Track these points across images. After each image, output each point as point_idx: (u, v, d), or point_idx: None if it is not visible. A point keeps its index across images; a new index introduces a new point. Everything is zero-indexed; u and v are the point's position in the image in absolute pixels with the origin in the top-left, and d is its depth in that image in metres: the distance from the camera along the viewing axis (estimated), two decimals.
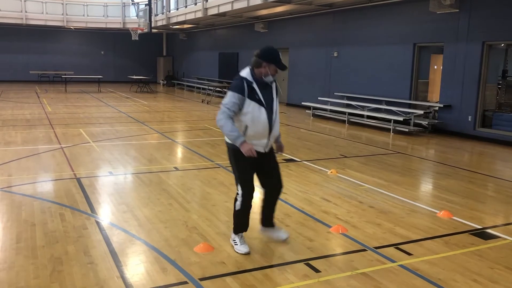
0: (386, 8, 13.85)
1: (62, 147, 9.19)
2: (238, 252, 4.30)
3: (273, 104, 4.19)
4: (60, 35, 30.67)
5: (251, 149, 3.96)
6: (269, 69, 4.10)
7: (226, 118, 4.05)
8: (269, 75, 4.13)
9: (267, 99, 4.15)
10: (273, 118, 4.18)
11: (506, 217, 5.69)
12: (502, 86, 12.15)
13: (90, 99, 19.96)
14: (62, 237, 4.58)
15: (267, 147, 4.27)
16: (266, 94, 4.15)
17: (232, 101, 4.05)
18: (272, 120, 4.17)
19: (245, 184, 4.23)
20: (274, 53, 4.11)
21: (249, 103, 4.06)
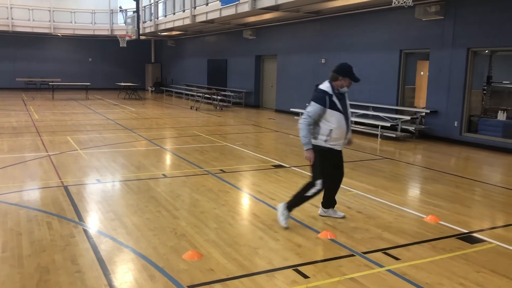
0: (373, 15, 14.01)
1: (49, 154, 9.12)
2: (281, 224, 5.11)
3: (347, 111, 5.13)
4: (47, 42, 30.49)
5: (310, 157, 5.04)
6: (344, 82, 5.06)
7: (305, 125, 5.02)
8: (344, 87, 5.08)
9: (343, 107, 5.06)
10: (349, 123, 5.15)
11: (492, 221, 5.77)
12: (487, 91, 12.32)
13: (77, 106, 19.83)
14: (49, 245, 4.54)
15: (343, 145, 5.24)
16: (342, 103, 5.07)
17: (315, 111, 4.98)
18: (348, 125, 5.13)
19: (325, 179, 5.14)
20: (348, 68, 5.10)
21: (332, 113, 4.99)
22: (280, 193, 6.64)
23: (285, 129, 14.01)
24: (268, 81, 20.56)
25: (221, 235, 4.92)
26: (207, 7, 18.74)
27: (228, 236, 4.90)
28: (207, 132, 12.90)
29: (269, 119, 16.64)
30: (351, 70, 5.10)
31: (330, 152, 5.13)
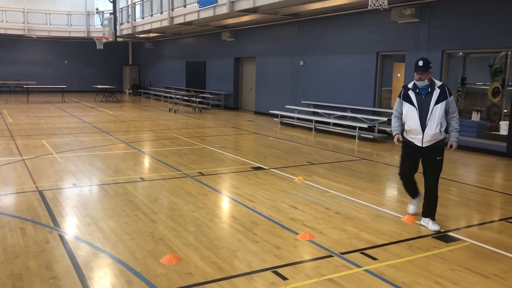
0: (350, 18, 14.15)
1: (24, 159, 8.93)
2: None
3: (429, 106, 5.14)
4: (21, 44, 29.89)
5: (397, 139, 5.46)
6: (415, 75, 5.21)
7: (393, 117, 5.57)
8: (420, 80, 5.19)
9: (421, 102, 5.18)
10: (427, 118, 5.14)
11: (467, 220, 5.88)
12: (462, 93, 12.57)
13: (53, 110, 19.49)
14: (23, 252, 4.43)
15: (424, 143, 5.23)
16: (421, 97, 5.20)
17: (396, 103, 5.49)
18: (425, 120, 5.15)
19: (400, 168, 5.66)
20: (415, 62, 5.22)
21: (404, 105, 5.32)
22: (258, 195, 6.64)
23: (264, 131, 14.03)
24: (247, 83, 20.57)
25: (199, 238, 4.89)
26: (185, 9, 18.66)
27: (207, 239, 4.87)
28: (186, 134, 12.82)
29: (248, 121, 16.64)
30: (416, 63, 5.24)
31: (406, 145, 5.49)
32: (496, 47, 10.72)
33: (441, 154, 5.31)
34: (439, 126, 5.14)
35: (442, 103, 5.12)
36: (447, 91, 5.15)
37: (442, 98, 5.12)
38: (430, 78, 5.21)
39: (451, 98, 5.17)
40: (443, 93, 5.13)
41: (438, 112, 5.12)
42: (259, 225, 5.34)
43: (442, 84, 5.22)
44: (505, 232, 5.32)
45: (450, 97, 5.16)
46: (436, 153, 5.27)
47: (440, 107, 5.12)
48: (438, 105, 5.12)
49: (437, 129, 5.13)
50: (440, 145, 5.27)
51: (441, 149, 5.30)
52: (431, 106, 5.13)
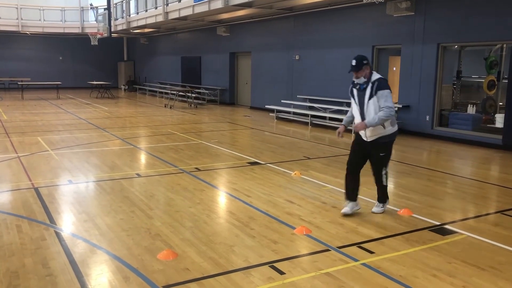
0: (345, 12, 14.12)
1: (19, 156, 8.88)
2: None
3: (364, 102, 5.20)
4: (15, 40, 29.68)
5: (338, 131, 5.50)
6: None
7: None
8: (356, 78, 5.29)
9: (360, 97, 5.26)
10: (364, 113, 5.20)
11: (463, 213, 5.90)
12: (457, 86, 12.59)
13: (48, 106, 19.40)
14: (19, 249, 4.41)
15: (367, 137, 5.31)
16: (360, 93, 5.26)
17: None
18: (364, 115, 5.21)
19: (348, 157, 5.63)
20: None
21: (351, 100, 5.46)
22: (255, 190, 6.63)
23: (260, 126, 14.02)
24: (242, 78, 20.53)
25: (196, 234, 4.89)
26: (180, 4, 18.56)
27: (204, 235, 4.87)
28: (182, 130, 12.79)
29: (244, 116, 16.62)
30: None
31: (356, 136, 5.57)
32: (491, 40, 10.73)
33: (385, 150, 5.38)
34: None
35: (373, 99, 5.14)
36: (377, 86, 5.11)
37: (373, 94, 5.14)
38: (368, 74, 5.22)
39: (380, 93, 5.09)
40: (373, 88, 5.13)
41: (372, 107, 5.15)
42: (256, 220, 5.34)
43: (377, 79, 5.17)
44: (501, 224, 5.34)
45: (379, 91, 5.09)
46: (379, 150, 5.35)
47: (374, 103, 5.14)
48: (371, 100, 5.15)
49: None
50: (385, 141, 5.30)
51: (385, 146, 5.35)
52: (365, 102, 5.21)
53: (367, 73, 5.22)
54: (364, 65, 5.21)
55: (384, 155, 5.39)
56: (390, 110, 5.07)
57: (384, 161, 5.42)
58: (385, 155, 5.40)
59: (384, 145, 5.33)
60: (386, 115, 5.06)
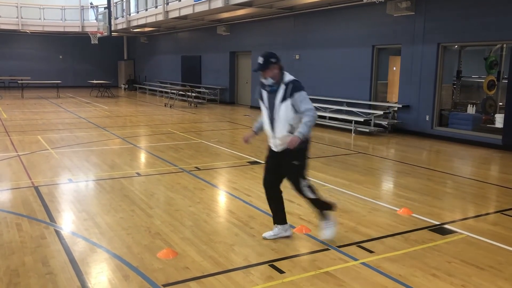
0: (346, 11, 14.12)
1: (19, 155, 8.89)
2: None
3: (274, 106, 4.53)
4: (15, 39, 29.68)
5: (245, 138, 4.92)
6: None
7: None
8: (264, 79, 4.63)
9: (270, 101, 4.58)
10: (274, 119, 4.53)
11: (462, 213, 5.90)
12: (457, 86, 12.60)
13: (48, 105, 19.39)
14: (19, 248, 4.42)
15: (277, 146, 4.61)
16: (270, 96, 4.59)
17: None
18: (273, 121, 4.54)
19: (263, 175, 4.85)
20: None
21: (260, 104, 4.77)
22: (255, 189, 6.64)
23: None
24: (243, 78, 20.53)
25: (196, 233, 4.89)
26: (180, 3, 18.56)
27: (204, 234, 4.87)
28: (182, 129, 12.80)
29: (244, 116, 16.62)
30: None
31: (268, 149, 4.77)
32: (491, 40, 10.74)
33: (298, 158, 4.54)
34: (288, 128, 4.45)
35: (287, 102, 4.42)
36: (292, 88, 4.45)
37: (286, 97, 4.44)
38: (278, 75, 4.57)
39: (297, 95, 4.42)
40: (287, 91, 4.45)
41: (283, 113, 4.44)
42: (256, 219, 5.35)
43: (291, 80, 4.53)
44: (501, 224, 5.35)
45: (295, 93, 4.42)
46: (292, 158, 4.53)
47: (285, 107, 4.43)
48: (282, 104, 4.45)
49: (284, 131, 4.46)
50: (297, 148, 4.41)
51: (297, 153, 4.50)
52: (276, 105, 4.49)
53: (275, 73, 4.56)
54: (272, 63, 4.57)
55: (299, 164, 4.55)
56: (312, 112, 4.42)
57: (300, 171, 4.58)
58: (300, 164, 4.56)
59: (296, 152, 4.47)
60: (311, 119, 4.39)
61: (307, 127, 4.38)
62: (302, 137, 4.36)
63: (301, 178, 4.58)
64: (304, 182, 4.58)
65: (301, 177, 4.58)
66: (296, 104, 4.43)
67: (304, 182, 4.58)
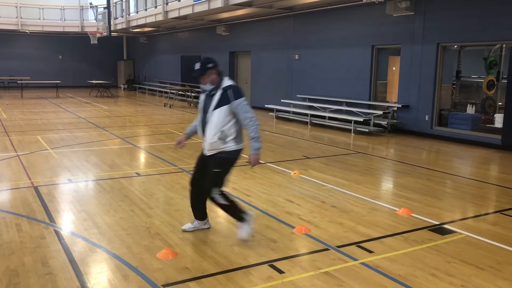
0: (345, 11, 14.13)
1: (18, 155, 8.88)
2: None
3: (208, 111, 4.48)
4: (15, 39, 29.65)
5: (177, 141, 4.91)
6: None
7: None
8: (203, 84, 4.57)
9: (207, 105, 4.53)
10: (207, 124, 4.48)
11: (462, 213, 5.90)
12: (457, 86, 12.61)
13: (48, 105, 19.39)
14: (18, 248, 4.42)
15: (206, 151, 4.58)
16: (208, 100, 4.54)
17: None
18: (206, 126, 4.50)
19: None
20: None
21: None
22: (255, 189, 6.64)
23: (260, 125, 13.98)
24: (242, 78, 20.52)
25: (196, 233, 4.89)
26: (180, 3, 18.55)
27: (203, 234, 4.88)
28: (181, 129, 12.79)
29: None
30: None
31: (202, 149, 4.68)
32: (491, 40, 10.74)
33: (220, 166, 4.47)
34: (218, 135, 4.40)
35: (223, 108, 4.36)
36: (231, 94, 4.36)
37: (224, 102, 4.36)
38: (216, 80, 4.48)
39: (237, 102, 4.34)
40: (224, 96, 4.37)
41: (216, 118, 4.38)
42: (256, 219, 5.33)
43: (228, 86, 4.43)
44: (500, 224, 5.36)
45: (235, 100, 4.34)
46: (215, 164, 4.49)
47: (219, 113, 4.37)
48: (217, 110, 4.38)
49: (215, 137, 4.40)
50: (221, 156, 4.45)
51: (222, 161, 4.48)
52: (210, 111, 4.43)
53: (213, 78, 4.46)
54: (209, 69, 4.44)
55: (219, 172, 4.47)
56: (254, 121, 4.39)
57: (217, 180, 4.49)
58: (220, 172, 4.48)
59: (221, 160, 4.46)
60: (255, 129, 4.39)
61: (258, 140, 4.42)
62: (258, 152, 4.44)
63: (215, 187, 4.48)
64: (216, 191, 4.48)
65: (215, 185, 4.48)
66: (235, 111, 4.39)
67: (216, 190, 4.48)
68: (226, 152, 4.47)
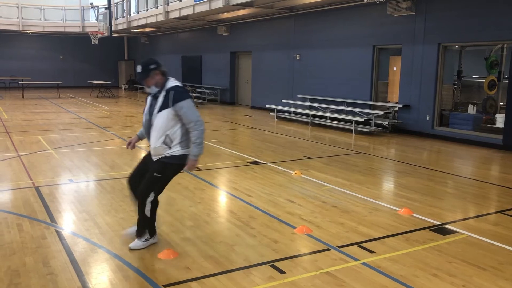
0: (346, 11, 14.12)
1: (20, 155, 8.89)
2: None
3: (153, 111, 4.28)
4: (16, 39, 29.68)
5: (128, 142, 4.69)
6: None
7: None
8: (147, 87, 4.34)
9: (152, 108, 4.30)
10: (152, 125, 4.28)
11: (463, 213, 5.90)
12: (458, 86, 12.59)
13: (49, 105, 19.40)
14: (20, 248, 4.42)
15: (152, 155, 4.37)
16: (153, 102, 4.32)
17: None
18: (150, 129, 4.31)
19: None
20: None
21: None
22: (255, 189, 6.64)
23: (261, 125, 14.01)
24: (243, 78, 20.53)
25: (197, 233, 4.89)
26: (181, 3, 18.56)
27: (204, 234, 4.88)
28: None
29: (244, 116, 16.62)
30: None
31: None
32: (492, 40, 10.72)
33: (163, 171, 4.29)
34: (163, 139, 4.20)
35: (166, 111, 4.15)
36: (173, 96, 4.14)
37: (166, 105, 4.15)
38: (161, 81, 4.28)
39: (179, 105, 4.11)
40: (167, 98, 4.15)
41: (160, 122, 4.18)
42: (257, 219, 5.34)
43: (172, 87, 4.22)
44: (501, 224, 5.35)
45: (177, 103, 4.11)
46: (156, 169, 4.29)
47: (163, 116, 4.17)
48: (160, 113, 4.18)
49: (159, 142, 4.22)
50: (167, 161, 4.26)
51: (164, 166, 4.28)
52: (153, 114, 4.24)
53: (158, 79, 4.25)
54: (152, 70, 4.24)
55: (159, 177, 4.31)
56: (199, 125, 4.18)
57: (156, 184, 4.33)
58: (159, 178, 4.31)
59: (163, 164, 4.27)
60: (200, 134, 4.19)
61: (199, 146, 4.20)
62: (197, 158, 4.24)
63: (152, 191, 4.33)
64: (152, 197, 4.34)
65: (153, 189, 4.33)
66: (179, 114, 4.17)
67: (152, 196, 4.34)
68: (171, 157, 4.25)
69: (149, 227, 4.50)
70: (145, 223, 4.44)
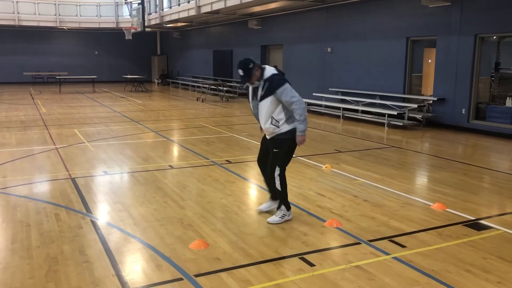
0: (379, 3, 13.87)
1: (57, 147, 9.19)
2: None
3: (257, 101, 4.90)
4: (53, 35, 30.56)
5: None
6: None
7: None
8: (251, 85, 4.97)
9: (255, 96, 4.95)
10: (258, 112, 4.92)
11: (499, 208, 5.74)
12: (495, 78, 12.20)
13: (84, 100, 19.92)
14: (58, 237, 4.59)
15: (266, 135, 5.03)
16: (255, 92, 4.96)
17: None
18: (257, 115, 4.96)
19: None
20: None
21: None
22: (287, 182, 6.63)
23: None
24: None
25: (227, 225, 4.95)
26: None
27: (235, 226, 4.93)
28: (214, 123, 12.91)
29: None
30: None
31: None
32: None
33: (279, 146, 4.88)
34: (270, 121, 4.81)
35: (268, 99, 4.75)
36: (270, 85, 4.72)
37: (267, 94, 4.74)
38: (260, 74, 4.81)
39: (279, 91, 4.69)
40: (268, 87, 4.73)
41: (265, 108, 4.80)
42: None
43: (269, 77, 4.77)
44: None
45: (277, 90, 4.69)
46: (274, 145, 4.92)
47: (266, 103, 4.78)
48: (263, 101, 4.78)
49: (267, 124, 4.84)
50: (280, 138, 4.86)
51: (279, 142, 4.88)
52: (258, 102, 4.86)
53: (258, 75, 4.80)
54: (252, 69, 4.76)
55: (278, 152, 4.91)
56: (299, 102, 4.72)
57: (278, 159, 4.93)
58: (279, 152, 4.91)
59: (278, 141, 4.89)
60: (301, 111, 4.73)
61: (304, 122, 4.76)
62: (304, 133, 4.81)
63: (276, 166, 4.94)
64: (278, 171, 4.93)
65: (277, 164, 4.94)
66: (281, 99, 4.73)
67: (278, 170, 4.94)
68: (281, 133, 4.84)
69: (284, 202, 5.04)
70: (280, 197, 5.05)
